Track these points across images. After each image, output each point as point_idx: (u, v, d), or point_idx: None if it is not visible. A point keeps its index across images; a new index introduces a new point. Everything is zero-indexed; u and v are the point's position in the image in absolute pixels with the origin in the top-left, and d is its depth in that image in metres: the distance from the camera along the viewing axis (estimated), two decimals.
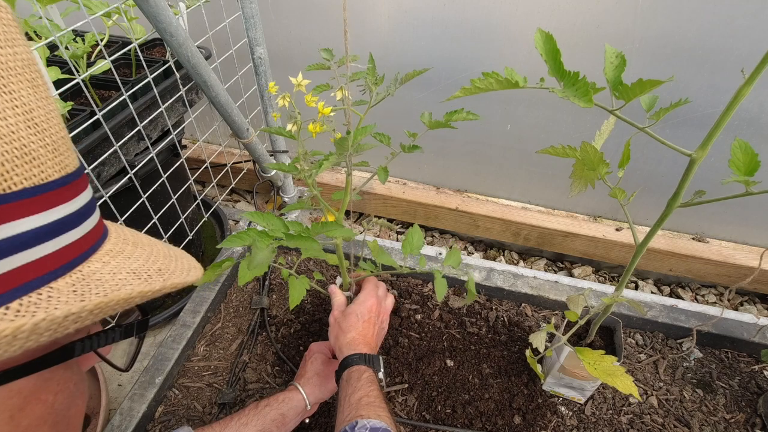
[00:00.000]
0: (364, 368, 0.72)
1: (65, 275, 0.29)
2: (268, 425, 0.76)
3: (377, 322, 0.83)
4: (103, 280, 0.31)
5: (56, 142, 0.30)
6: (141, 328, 0.40)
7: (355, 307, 0.82)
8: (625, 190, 0.66)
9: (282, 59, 1.27)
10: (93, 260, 0.32)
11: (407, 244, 0.78)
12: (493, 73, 0.50)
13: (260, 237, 0.58)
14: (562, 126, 1.18)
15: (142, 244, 0.38)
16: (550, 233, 1.32)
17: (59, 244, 0.29)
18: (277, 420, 0.77)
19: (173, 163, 1.05)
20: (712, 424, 0.91)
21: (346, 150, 0.64)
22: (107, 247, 0.34)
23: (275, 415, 0.77)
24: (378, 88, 0.64)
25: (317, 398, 0.83)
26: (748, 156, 0.51)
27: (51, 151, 0.29)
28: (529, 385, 0.96)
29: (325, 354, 0.89)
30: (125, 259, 0.34)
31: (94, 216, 0.34)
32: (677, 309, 1.07)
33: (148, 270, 0.34)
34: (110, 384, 1.04)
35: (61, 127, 0.31)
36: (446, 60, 1.15)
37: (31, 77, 0.29)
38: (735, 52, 0.95)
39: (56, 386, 0.33)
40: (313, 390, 0.82)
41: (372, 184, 1.43)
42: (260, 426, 0.75)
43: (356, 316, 0.81)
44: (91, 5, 0.83)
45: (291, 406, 0.79)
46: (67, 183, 0.30)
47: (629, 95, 0.48)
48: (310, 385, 0.83)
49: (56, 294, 0.28)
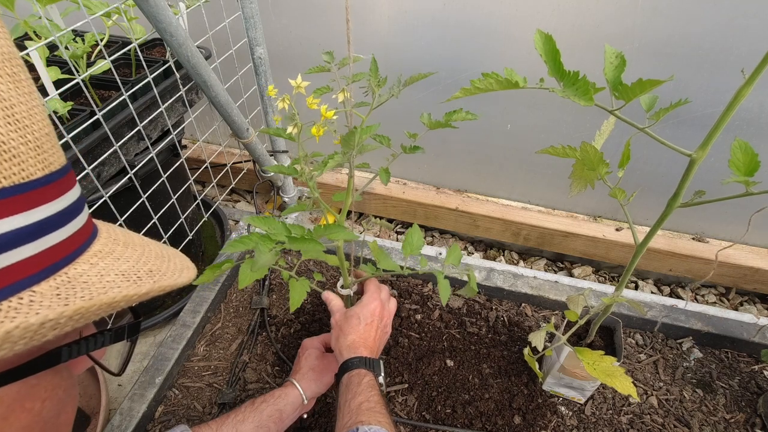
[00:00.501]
0: (364, 372, 0.71)
1: (49, 278, 0.28)
2: (264, 421, 0.76)
3: (380, 325, 0.82)
4: (90, 282, 0.29)
5: (39, 139, 0.28)
6: (132, 332, 0.38)
7: (358, 309, 0.81)
8: (624, 190, 0.66)
9: (282, 59, 1.27)
10: (80, 262, 0.31)
11: (407, 244, 0.78)
12: (492, 74, 0.50)
13: (262, 241, 0.58)
14: (562, 126, 1.18)
15: (134, 245, 0.36)
16: (550, 233, 1.32)
17: (42, 246, 0.28)
18: (274, 416, 0.77)
19: (173, 163, 1.05)
20: (712, 424, 0.91)
21: (352, 148, 0.64)
22: (96, 247, 0.33)
23: (272, 410, 0.77)
24: (381, 90, 0.64)
25: (314, 392, 0.83)
26: (748, 156, 0.51)
27: (33, 149, 0.28)
28: (529, 385, 0.96)
29: (318, 348, 0.89)
30: (114, 260, 0.33)
31: (81, 215, 0.32)
32: (677, 309, 1.07)
33: (138, 271, 0.33)
34: (110, 384, 1.04)
35: (46, 123, 0.30)
36: (446, 60, 1.15)
37: (11, 71, 0.28)
38: (735, 52, 0.95)
39: (43, 393, 0.31)
40: (309, 384, 0.82)
41: (372, 184, 1.43)
42: (257, 422, 0.75)
43: (358, 319, 0.80)
44: (91, 5, 0.83)
45: (287, 402, 0.79)
46: (52, 181, 0.29)
47: (629, 95, 0.48)
48: (306, 380, 0.82)
49: (39, 298, 0.26)
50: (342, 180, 1.46)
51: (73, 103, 0.81)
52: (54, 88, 0.73)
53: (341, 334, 0.79)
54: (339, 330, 0.80)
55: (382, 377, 0.74)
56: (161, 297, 1.18)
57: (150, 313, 1.15)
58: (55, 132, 0.32)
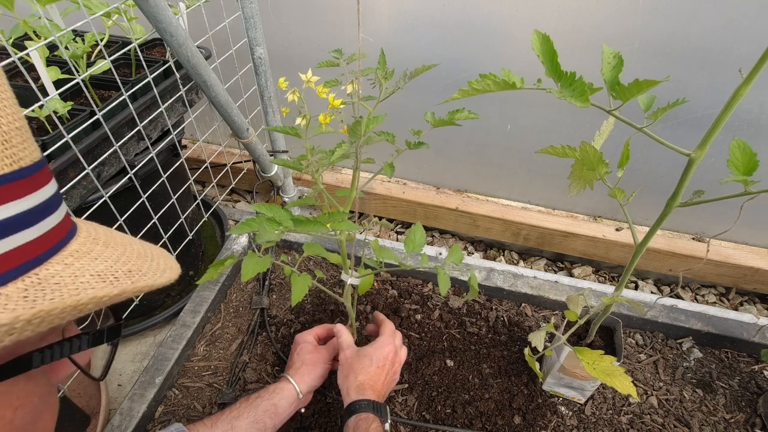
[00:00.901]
0: (372, 417, 0.70)
1: (17, 279, 0.26)
2: (260, 416, 0.75)
3: (390, 371, 0.81)
4: (63, 283, 0.28)
5: (8, 133, 0.27)
6: (112, 335, 0.36)
7: (371, 350, 0.80)
8: (624, 190, 0.66)
9: (282, 59, 1.27)
10: (53, 262, 0.29)
11: (409, 241, 0.78)
12: (490, 75, 0.50)
13: (268, 222, 0.59)
14: (562, 126, 1.18)
15: (115, 243, 0.35)
16: (550, 233, 1.32)
17: (10, 245, 0.26)
18: (270, 411, 0.76)
19: (173, 163, 1.05)
20: (712, 424, 0.91)
21: (359, 137, 0.65)
22: (73, 247, 0.31)
23: (267, 406, 0.77)
24: (387, 83, 0.65)
25: (308, 386, 0.82)
26: (746, 156, 0.51)
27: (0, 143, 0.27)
28: (529, 385, 0.96)
29: (311, 342, 0.88)
30: (92, 260, 0.31)
31: (57, 213, 0.31)
32: (677, 309, 1.07)
33: (116, 272, 0.32)
34: (110, 384, 1.04)
35: (17, 117, 0.29)
36: (447, 61, 1.15)
37: None
38: (735, 53, 0.95)
39: (16, 401, 0.30)
40: (303, 378, 0.82)
41: (372, 184, 1.43)
42: (252, 417, 0.74)
43: (370, 360, 0.79)
44: (91, 5, 0.83)
45: (282, 396, 0.79)
46: (22, 177, 0.28)
47: (626, 95, 0.48)
48: (300, 374, 0.82)
49: (3, 301, 0.25)
50: (342, 180, 1.46)
51: (73, 103, 0.81)
52: (54, 88, 0.73)
53: (351, 373, 0.78)
54: (349, 368, 0.79)
55: (389, 424, 0.73)
56: (161, 297, 1.18)
57: (150, 313, 1.15)
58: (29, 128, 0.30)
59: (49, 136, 0.74)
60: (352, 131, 0.65)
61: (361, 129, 0.63)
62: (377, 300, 1.11)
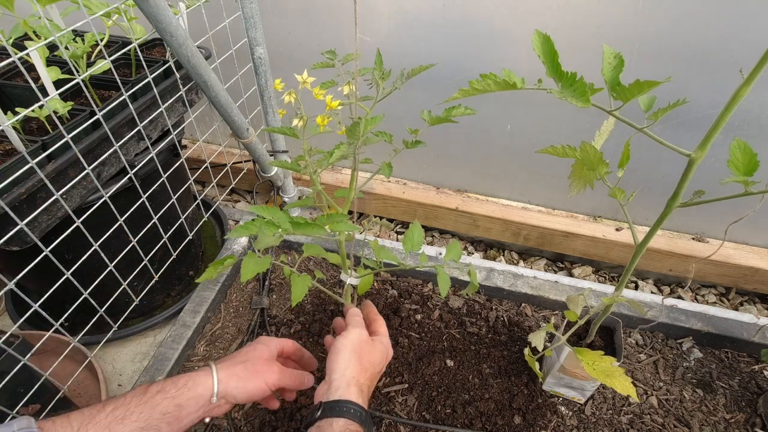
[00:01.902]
0: (355, 427, 0.58)
1: None
2: (155, 421, 0.56)
3: (380, 373, 0.71)
4: None
5: None
6: None
7: (387, 341, 0.73)
8: (624, 190, 0.66)
9: (282, 59, 1.27)
10: None
11: (408, 240, 0.78)
12: (490, 75, 0.50)
13: (267, 225, 0.60)
14: (562, 126, 1.18)
15: None
16: (550, 233, 1.32)
17: None
18: (170, 414, 0.57)
19: (173, 163, 1.05)
20: (712, 424, 0.91)
21: (357, 138, 0.65)
22: None
23: (168, 406, 0.58)
24: (384, 83, 0.65)
25: (231, 394, 0.63)
26: (747, 156, 0.51)
27: None
28: (529, 385, 0.96)
29: (271, 350, 0.71)
30: None
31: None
32: (677, 309, 1.07)
33: None
34: (110, 384, 1.04)
35: None
36: (447, 61, 1.15)
37: None
38: (735, 53, 0.95)
39: None
40: (231, 379, 0.63)
41: (372, 184, 1.43)
42: (144, 421, 0.55)
43: (381, 354, 0.70)
44: (91, 5, 0.83)
45: (191, 396, 0.59)
46: None
47: (627, 96, 0.48)
48: (231, 371, 0.63)
49: None
50: (341, 180, 1.46)
51: (73, 103, 0.81)
52: (54, 88, 0.73)
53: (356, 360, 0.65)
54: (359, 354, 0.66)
55: None
56: (161, 297, 1.18)
57: (150, 313, 1.15)
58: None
59: (49, 136, 0.74)
60: (350, 132, 0.65)
61: (359, 130, 0.63)
62: (377, 300, 1.11)
